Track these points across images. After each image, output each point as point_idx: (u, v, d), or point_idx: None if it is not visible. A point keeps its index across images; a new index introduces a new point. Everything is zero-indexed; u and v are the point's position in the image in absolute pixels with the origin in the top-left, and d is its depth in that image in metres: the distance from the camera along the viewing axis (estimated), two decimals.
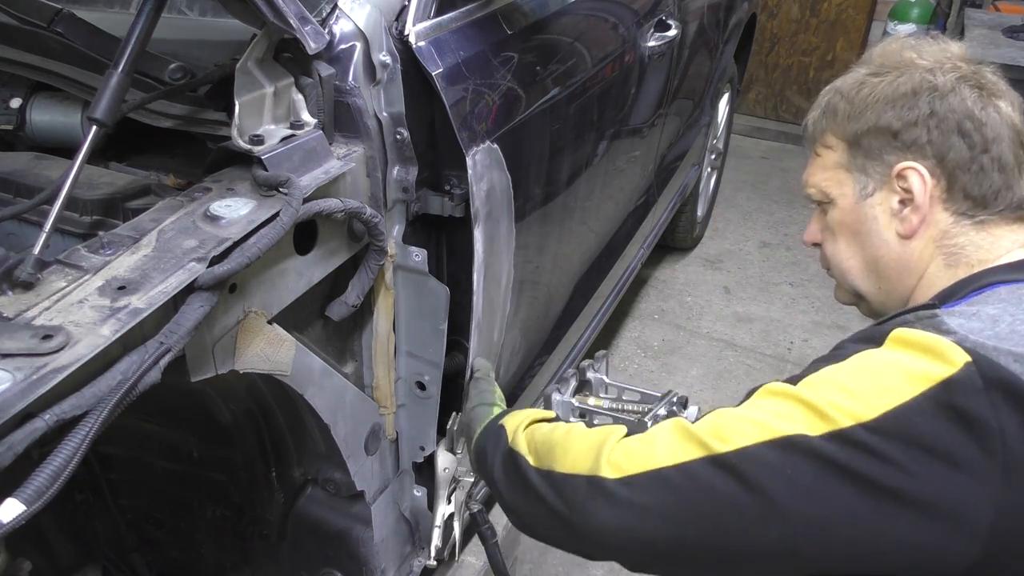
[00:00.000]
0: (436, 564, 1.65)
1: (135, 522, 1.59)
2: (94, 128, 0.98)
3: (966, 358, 0.76)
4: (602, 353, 1.58)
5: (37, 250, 0.86)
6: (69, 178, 0.94)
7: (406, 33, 1.24)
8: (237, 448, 1.39)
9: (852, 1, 5.13)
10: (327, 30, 1.16)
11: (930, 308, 0.86)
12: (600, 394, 1.52)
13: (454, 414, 1.53)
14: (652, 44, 2.26)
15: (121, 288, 0.85)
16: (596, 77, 1.87)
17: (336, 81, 1.16)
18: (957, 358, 0.77)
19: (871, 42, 5.24)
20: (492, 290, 1.48)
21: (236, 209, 0.99)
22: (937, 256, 0.96)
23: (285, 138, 1.09)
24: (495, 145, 1.36)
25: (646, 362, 3.09)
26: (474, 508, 1.57)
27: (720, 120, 3.74)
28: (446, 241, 1.41)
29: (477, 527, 1.57)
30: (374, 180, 1.22)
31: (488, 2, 1.43)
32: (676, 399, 1.39)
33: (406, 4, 1.27)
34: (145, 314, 0.82)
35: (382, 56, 1.20)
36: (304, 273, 1.12)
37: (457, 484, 1.58)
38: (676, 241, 3.74)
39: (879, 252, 1.00)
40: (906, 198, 0.96)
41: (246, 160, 1.07)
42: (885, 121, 0.96)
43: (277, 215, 0.98)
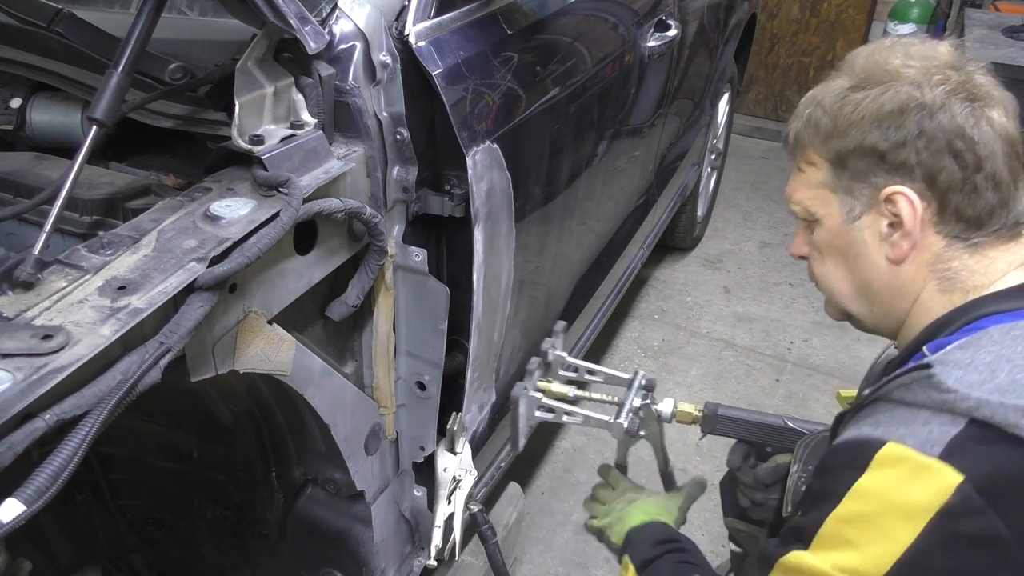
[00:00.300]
0: (436, 564, 1.65)
1: (135, 522, 1.59)
2: (94, 128, 0.98)
3: (958, 479, 0.75)
4: (561, 325, 1.57)
5: (37, 250, 0.86)
6: (69, 178, 0.94)
7: (406, 33, 1.24)
8: (237, 448, 1.39)
9: (852, 1, 5.13)
10: (327, 30, 1.16)
11: (924, 368, 0.81)
12: (561, 371, 1.52)
13: (454, 414, 1.53)
14: (652, 44, 2.26)
15: (121, 288, 0.85)
16: (596, 77, 1.87)
17: (336, 81, 1.16)
18: (949, 479, 0.75)
19: (871, 42, 5.24)
20: (492, 290, 1.48)
21: (236, 209, 0.99)
22: (931, 281, 0.92)
23: (285, 138, 1.09)
24: (495, 145, 1.36)
25: (646, 362, 3.09)
26: (474, 508, 1.57)
27: (720, 120, 3.74)
28: (446, 241, 1.42)
29: (477, 527, 1.57)
30: (374, 180, 1.22)
31: (488, 2, 1.43)
32: (644, 382, 1.39)
33: (406, 4, 1.27)
34: (145, 314, 0.82)
35: (382, 56, 1.20)
36: (304, 273, 1.12)
37: (457, 484, 1.58)
38: (676, 241, 3.74)
39: (869, 276, 0.96)
40: (895, 222, 0.91)
41: (246, 160, 1.07)
42: (871, 141, 0.90)
43: (277, 215, 0.98)
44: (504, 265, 1.52)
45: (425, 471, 1.56)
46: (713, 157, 3.81)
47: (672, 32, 2.36)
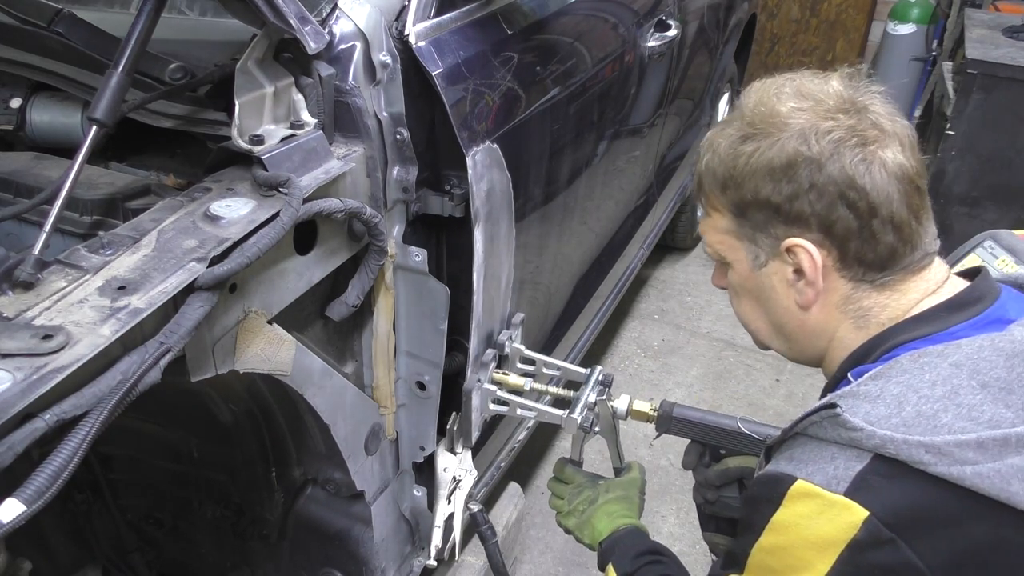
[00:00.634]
0: (436, 564, 1.65)
1: (135, 522, 1.59)
2: (94, 128, 0.98)
3: (863, 514, 0.77)
4: (519, 317, 1.59)
5: (37, 250, 0.86)
6: (69, 178, 0.94)
7: (406, 33, 1.24)
8: (237, 448, 1.39)
9: (852, 1, 5.13)
10: (327, 30, 1.16)
11: (831, 407, 0.83)
12: (518, 364, 1.54)
13: (454, 414, 1.53)
14: (652, 44, 2.26)
15: (121, 288, 0.85)
16: (596, 77, 1.87)
17: (336, 81, 1.16)
18: (855, 515, 0.77)
19: (871, 42, 5.25)
20: (492, 290, 1.48)
21: (236, 209, 0.99)
22: (844, 320, 0.93)
23: (285, 138, 1.09)
24: (495, 145, 1.36)
25: (646, 362, 3.09)
26: (474, 508, 1.57)
27: (720, 120, 3.73)
28: (446, 241, 1.42)
29: (477, 527, 1.57)
30: (374, 180, 1.22)
31: (488, 2, 1.43)
32: (601, 378, 1.41)
33: (406, 4, 1.27)
34: (145, 314, 0.82)
35: (382, 56, 1.20)
36: (304, 273, 1.12)
37: (457, 484, 1.58)
38: (676, 241, 3.74)
39: (783, 319, 0.97)
40: (800, 268, 0.91)
41: (246, 160, 1.07)
42: (765, 195, 0.90)
43: (277, 215, 0.98)
44: (504, 265, 1.52)
45: (425, 471, 1.56)
46: None
47: (672, 32, 2.36)
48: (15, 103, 1.30)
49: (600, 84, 1.91)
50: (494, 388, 1.47)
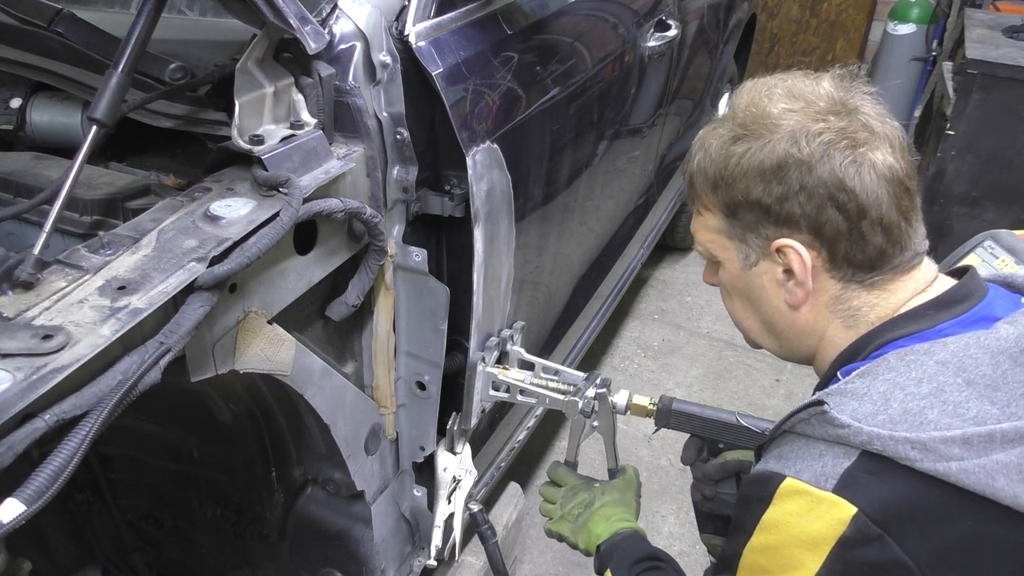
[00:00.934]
0: (436, 564, 1.65)
1: (135, 522, 1.59)
2: (94, 128, 0.98)
3: (851, 511, 0.77)
4: (519, 325, 1.61)
5: (37, 250, 0.86)
6: (69, 178, 0.94)
7: (406, 33, 1.24)
8: (237, 448, 1.39)
9: (852, 1, 5.13)
10: (327, 30, 1.16)
11: (818, 405, 0.83)
12: (518, 365, 1.56)
13: (454, 414, 1.53)
14: (652, 44, 2.26)
15: (121, 288, 0.85)
16: (596, 77, 1.87)
17: (336, 81, 1.16)
18: (844, 512, 0.78)
19: (871, 42, 5.25)
20: (492, 290, 1.48)
21: (236, 209, 0.99)
22: (834, 320, 0.93)
23: (285, 138, 1.09)
24: (495, 145, 1.36)
25: (646, 362, 3.09)
26: (474, 508, 1.57)
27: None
28: (446, 241, 1.42)
29: (477, 527, 1.57)
30: (374, 180, 1.22)
31: (488, 2, 1.43)
32: (599, 380, 1.42)
33: (406, 4, 1.27)
34: (145, 314, 0.82)
35: (382, 56, 1.20)
36: (304, 273, 1.12)
37: (457, 484, 1.58)
38: (676, 241, 3.74)
39: (773, 318, 0.98)
40: (790, 269, 0.92)
41: (246, 160, 1.07)
42: (756, 195, 0.90)
43: (277, 215, 0.98)
44: (504, 265, 1.52)
45: (425, 471, 1.56)
46: None
47: (672, 32, 2.36)
48: (15, 103, 1.30)
49: (600, 84, 1.91)
50: (495, 371, 1.47)
